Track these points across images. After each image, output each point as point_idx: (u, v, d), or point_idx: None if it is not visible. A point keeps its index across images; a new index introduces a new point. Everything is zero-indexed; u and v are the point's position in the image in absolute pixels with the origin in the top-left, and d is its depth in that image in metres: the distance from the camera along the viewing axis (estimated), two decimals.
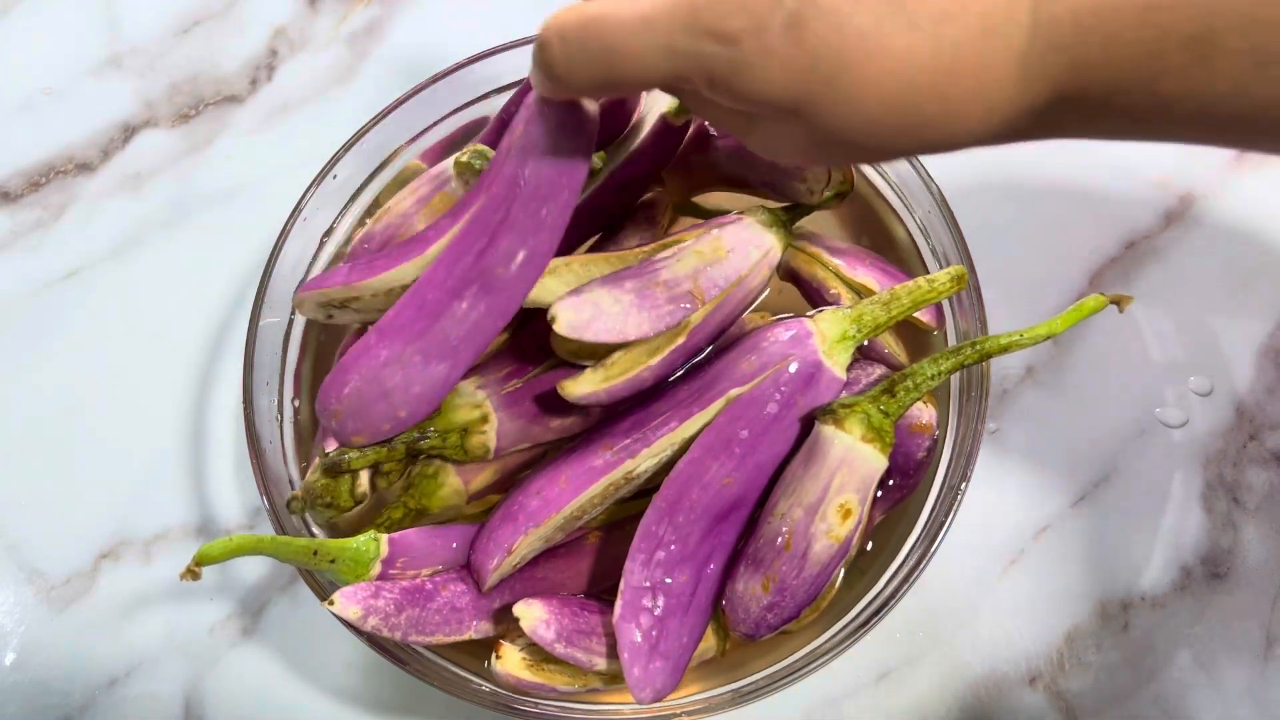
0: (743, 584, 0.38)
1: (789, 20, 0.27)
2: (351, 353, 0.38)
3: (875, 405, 0.37)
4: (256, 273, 0.44)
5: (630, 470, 0.38)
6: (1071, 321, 0.38)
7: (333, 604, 0.37)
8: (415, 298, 0.38)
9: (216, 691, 0.46)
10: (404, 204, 0.44)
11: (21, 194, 0.55)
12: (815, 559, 0.36)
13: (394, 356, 0.38)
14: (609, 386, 0.38)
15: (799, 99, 0.28)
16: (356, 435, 0.39)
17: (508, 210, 0.36)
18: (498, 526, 0.39)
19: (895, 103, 0.27)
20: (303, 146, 0.52)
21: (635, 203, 0.45)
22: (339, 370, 0.38)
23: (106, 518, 0.49)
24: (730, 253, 0.40)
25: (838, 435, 0.36)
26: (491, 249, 0.37)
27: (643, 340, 0.38)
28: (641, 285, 0.38)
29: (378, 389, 0.38)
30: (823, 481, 0.36)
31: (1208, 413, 0.50)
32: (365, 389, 0.38)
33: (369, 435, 0.39)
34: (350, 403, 0.38)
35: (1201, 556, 0.47)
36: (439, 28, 0.59)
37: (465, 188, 0.44)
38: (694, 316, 0.38)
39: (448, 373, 0.38)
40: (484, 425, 0.40)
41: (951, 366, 0.37)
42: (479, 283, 0.37)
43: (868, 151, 0.30)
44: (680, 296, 0.38)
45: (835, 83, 0.27)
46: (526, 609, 0.38)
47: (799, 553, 0.36)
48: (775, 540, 0.37)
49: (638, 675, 0.37)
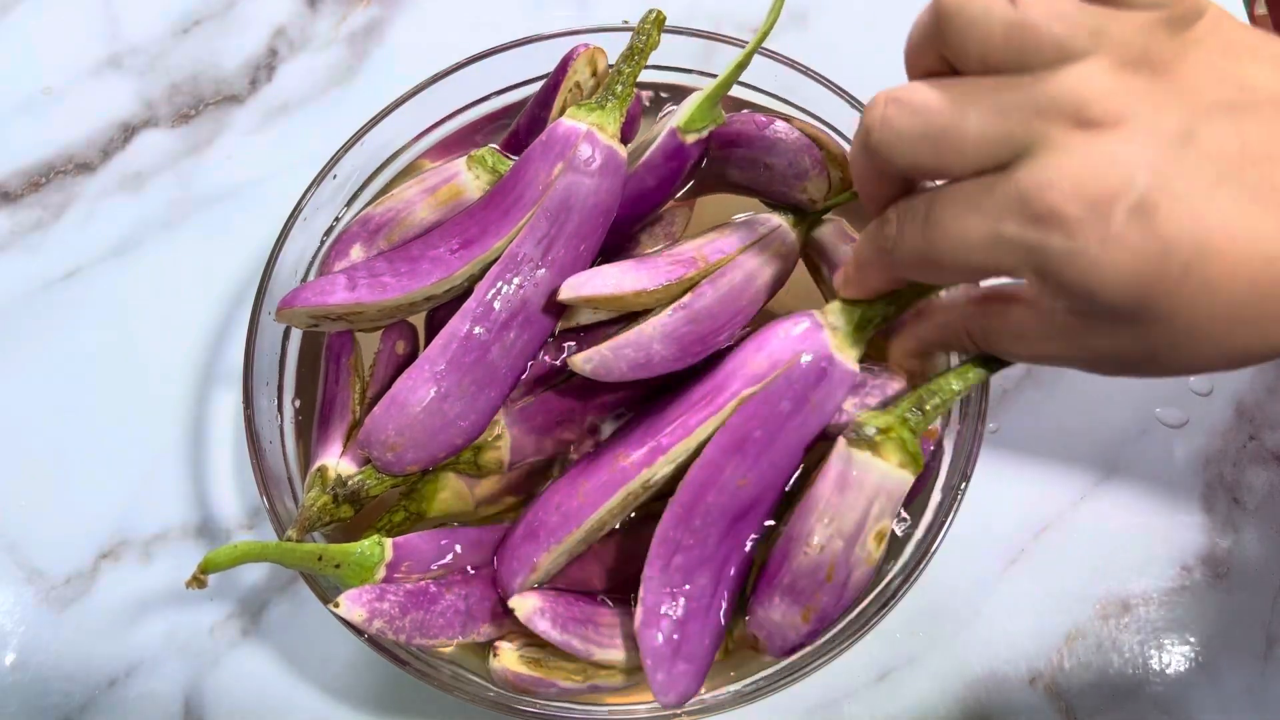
0: (780, 614, 0.37)
1: (1137, 205, 0.24)
2: (405, 386, 0.39)
3: (907, 427, 0.36)
4: (256, 273, 0.44)
5: (648, 479, 0.38)
6: None
7: (338, 607, 0.37)
8: (465, 330, 0.39)
9: (216, 691, 0.46)
10: (409, 191, 0.45)
11: (21, 194, 0.55)
12: (855, 585, 0.37)
13: (452, 389, 0.39)
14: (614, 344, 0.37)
15: (1145, 293, 0.25)
16: (413, 465, 0.40)
17: (550, 245, 0.39)
18: (520, 544, 0.39)
19: (1261, 294, 0.24)
20: (303, 146, 0.52)
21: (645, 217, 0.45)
22: (393, 405, 0.39)
23: (106, 518, 0.49)
24: (736, 227, 0.41)
25: (874, 462, 0.35)
26: (534, 284, 0.39)
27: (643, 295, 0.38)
28: (643, 258, 0.40)
29: (440, 420, 0.39)
30: (860, 510, 0.36)
31: (1208, 412, 0.50)
32: (428, 421, 0.39)
33: (426, 465, 0.40)
34: (412, 435, 0.39)
35: (1201, 556, 0.47)
36: (439, 28, 0.59)
37: (475, 181, 0.44)
38: (694, 273, 0.38)
39: (497, 399, 0.40)
40: (498, 442, 0.41)
41: (976, 378, 0.36)
42: (522, 314, 0.39)
43: (1218, 355, 0.26)
44: (682, 261, 0.39)
45: (1191, 273, 0.24)
46: (521, 600, 0.38)
47: (840, 582, 0.37)
48: (816, 574, 0.36)
49: (662, 680, 0.37)
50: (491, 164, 0.44)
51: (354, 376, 0.43)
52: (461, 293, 0.43)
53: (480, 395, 0.39)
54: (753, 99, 0.48)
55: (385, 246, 0.44)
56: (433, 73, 0.46)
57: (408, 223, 0.44)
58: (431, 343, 0.39)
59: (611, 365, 0.37)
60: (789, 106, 0.48)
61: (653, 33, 0.40)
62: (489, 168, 0.44)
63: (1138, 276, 0.25)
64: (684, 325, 0.38)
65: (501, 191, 0.40)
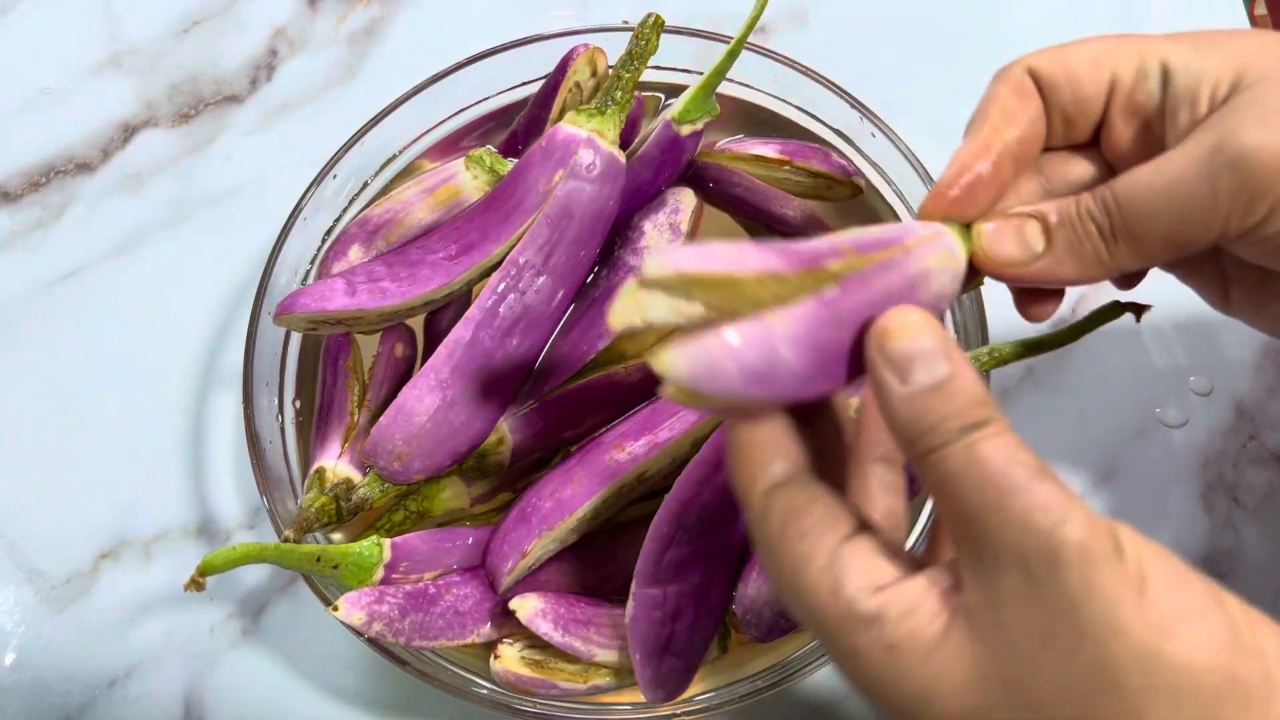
0: (754, 589, 0.37)
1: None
2: (412, 396, 0.39)
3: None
4: (256, 273, 0.44)
5: (643, 471, 0.38)
6: (1089, 329, 0.38)
7: (337, 609, 0.37)
8: (469, 338, 0.39)
9: (216, 691, 0.46)
10: (408, 192, 0.45)
11: (21, 194, 0.55)
12: None
13: (458, 397, 0.39)
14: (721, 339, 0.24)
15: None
16: (420, 474, 0.40)
17: (551, 252, 0.39)
18: (511, 529, 0.39)
19: None
20: (303, 146, 0.52)
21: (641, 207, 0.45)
22: (399, 414, 0.39)
23: (106, 518, 0.49)
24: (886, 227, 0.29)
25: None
26: (535, 291, 0.39)
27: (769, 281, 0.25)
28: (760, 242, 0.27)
29: (446, 429, 0.39)
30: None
31: (1208, 413, 0.50)
32: (434, 429, 0.39)
33: (432, 473, 0.40)
34: (419, 444, 0.39)
35: (1201, 556, 0.47)
36: (439, 28, 0.59)
37: (474, 181, 0.44)
38: (838, 265, 0.26)
39: (501, 406, 0.40)
40: (500, 447, 0.41)
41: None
42: (524, 320, 0.39)
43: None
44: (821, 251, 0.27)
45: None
46: (523, 602, 0.38)
47: None
48: None
49: (650, 675, 0.37)
50: (490, 164, 0.44)
51: (352, 379, 0.43)
52: (460, 297, 0.43)
53: (485, 403, 0.40)
54: (753, 99, 0.48)
55: (384, 247, 0.44)
56: (433, 73, 0.46)
57: (406, 224, 0.44)
58: (435, 351, 0.39)
59: (719, 369, 0.24)
60: (789, 106, 0.48)
61: (651, 37, 0.40)
62: (487, 168, 0.44)
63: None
64: (827, 327, 0.26)
65: (501, 196, 0.40)
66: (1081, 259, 0.30)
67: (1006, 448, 0.23)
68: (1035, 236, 0.31)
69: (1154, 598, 0.22)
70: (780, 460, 0.26)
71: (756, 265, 0.25)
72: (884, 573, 0.25)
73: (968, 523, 0.23)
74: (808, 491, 0.26)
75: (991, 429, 0.24)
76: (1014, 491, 0.23)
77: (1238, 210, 0.28)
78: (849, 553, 0.25)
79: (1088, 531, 0.22)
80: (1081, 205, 0.30)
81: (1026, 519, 0.22)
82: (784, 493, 0.26)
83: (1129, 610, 0.22)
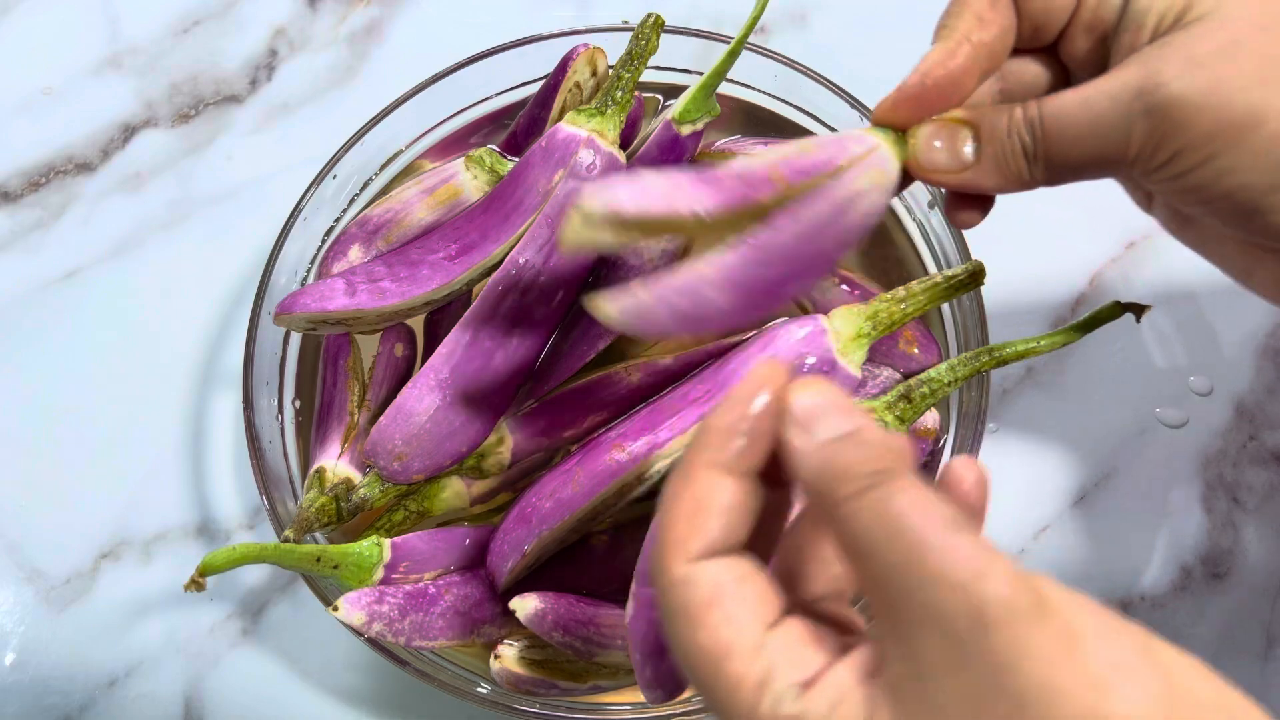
0: None
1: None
2: (412, 396, 0.39)
3: (892, 413, 0.36)
4: (256, 273, 0.44)
5: (643, 471, 0.38)
6: (1089, 329, 0.38)
7: (337, 609, 0.37)
8: (469, 338, 0.39)
9: (216, 691, 0.46)
10: (408, 192, 0.45)
11: (21, 194, 0.55)
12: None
13: (457, 397, 0.39)
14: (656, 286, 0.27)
15: None
16: (420, 474, 0.40)
17: (551, 252, 0.39)
18: (511, 529, 0.39)
19: None
20: (303, 146, 0.52)
21: None
22: (399, 414, 0.39)
23: (106, 518, 0.49)
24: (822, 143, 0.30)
25: None
26: (535, 291, 0.39)
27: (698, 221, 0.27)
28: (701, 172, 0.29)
29: (445, 429, 0.39)
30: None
31: (1208, 413, 0.50)
32: (434, 430, 0.39)
33: (432, 473, 0.40)
34: (419, 445, 0.39)
35: (1201, 556, 0.47)
36: (439, 28, 0.59)
37: (474, 181, 0.44)
38: (768, 198, 0.28)
39: (501, 406, 0.40)
40: (500, 447, 0.41)
41: (968, 373, 0.37)
42: (524, 320, 0.39)
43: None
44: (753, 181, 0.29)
45: None
46: (523, 601, 0.38)
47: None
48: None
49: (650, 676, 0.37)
50: (489, 164, 0.44)
51: (352, 378, 0.43)
52: (460, 297, 0.43)
53: (485, 403, 0.40)
54: (753, 99, 0.48)
55: (384, 247, 0.44)
56: (433, 73, 0.46)
57: (406, 223, 0.44)
58: (435, 351, 0.39)
59: (650, 314, 0.27)
60: (789, 107, 0.48)
61: (651, 37, 0.40)
62: (487, 168, 0.44)
63: None
64: (753, 267, 0.28)
65: (501, 196, 0.40)
66: (1005, 174, 0.31)
67: (919, 500, 0.22)
68: (966, 146, 0.32)
69: (1086, 652, 0.21)
70: (715, 526, 0.24)
71: (688, 205, 0.27)
72: (810, 663, 0.23)
73: (883, 585, 0.22)
74: (738, 568, 0.24)
75: (903, 481, 0.22)
76: (929, 548, 0.21)
77: (1145, 152, 0.29)
78: (776, 644, 0.23)
79: (1011, 587, 0.21)
80: (1011, 123, 0.31)
81: (944, 576, 0.21)
82: (712, 567, 0.24)
83: (1064, 669, 0.20)
